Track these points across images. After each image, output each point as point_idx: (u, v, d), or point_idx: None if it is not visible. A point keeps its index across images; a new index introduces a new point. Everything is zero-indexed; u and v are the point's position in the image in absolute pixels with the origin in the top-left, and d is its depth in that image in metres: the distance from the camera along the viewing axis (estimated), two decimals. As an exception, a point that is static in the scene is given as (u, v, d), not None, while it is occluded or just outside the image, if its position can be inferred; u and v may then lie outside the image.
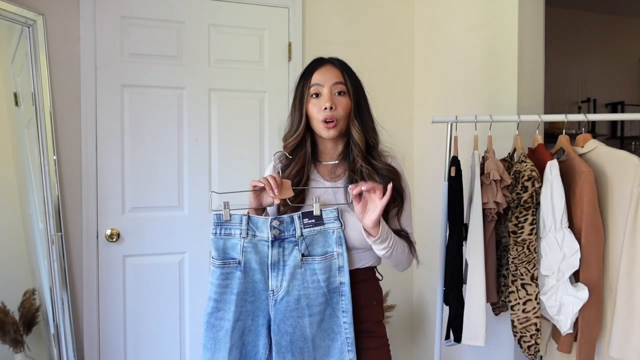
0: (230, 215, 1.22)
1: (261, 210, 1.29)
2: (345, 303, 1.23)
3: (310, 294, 1.22)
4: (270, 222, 1.22)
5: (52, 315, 2.01)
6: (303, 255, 1.22)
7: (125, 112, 2.16)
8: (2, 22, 1.93)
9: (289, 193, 1.24)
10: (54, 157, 2.04)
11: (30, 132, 2.03)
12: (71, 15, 2.08)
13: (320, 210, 1.23)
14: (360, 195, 1.19)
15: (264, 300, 1.23)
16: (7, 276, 2.07)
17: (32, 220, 2.10)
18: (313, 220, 1.23)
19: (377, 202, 1.16)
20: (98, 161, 2.13)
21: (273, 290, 1.22)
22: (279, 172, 1.31)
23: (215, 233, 1.22)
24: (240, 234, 1.22)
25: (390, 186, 1.16)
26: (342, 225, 1.24)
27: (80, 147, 2.10)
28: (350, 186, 1.20)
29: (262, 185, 1.22)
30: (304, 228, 1.23)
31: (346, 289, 1.23)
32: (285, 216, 1.23)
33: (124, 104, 2.16)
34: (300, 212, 1.24)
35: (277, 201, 1.23)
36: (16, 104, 2.08)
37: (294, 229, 1.23)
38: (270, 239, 1.22)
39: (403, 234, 1.32)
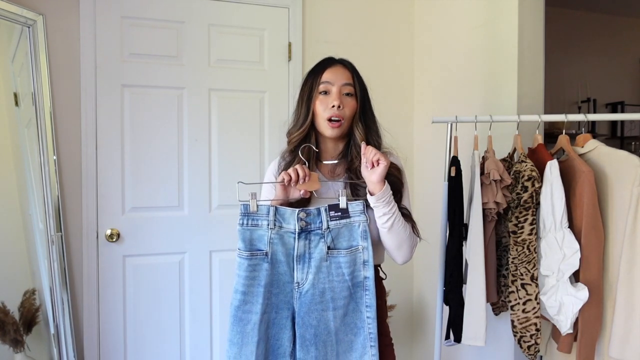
0: (258, 206, 1.22)
1: (286, 203, 1.29)
2: (369, 297, 1.23)
3: (335, 287, 1.22)
4: (298, 214, 1.21)
5: (52, 315, 2.01)
6: (329, 248, 1.22)
7: (125, 112, 2.16)
8: (2, 22, 1.93)
9: (317, 185, 1.25)
10: (54, 157, 2.04)
11: (30, 132, 2.03)
12: (71, 15, 2.08)
13: (347, 203, 1.23)
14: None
15: (288, 292, 1.23)
16: (7, 276, 2.07)
17: (32, 220, 2.10)
18: (339, 214, 1.23)
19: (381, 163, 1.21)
20: (98, 161, 2.13)
21: (298, 283, 1.22)
22: (305, 163, 1.30)
23: (242, 224, 1.21)
24: (268, 224, 1.22)
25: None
26: (367, 219, 1.24)
27: (80, 147, 2.10)
28: (363, 145, 1.24)
29: (291, 177, 1.22)
30: (331, 221, 1.23)
31: (370, 283, 1.23)
32: (312, 208, 1.24)
33: (124, 104, 2.16)
34: (327, 205, 1.23)
35: (302, 193, 1.24)
36: (16, 104, 2.08)
37: (321, 222, 1.23)
38: (297, 230, 1.22)
39: (406, 213, 1.32)
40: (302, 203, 1.29)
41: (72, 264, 2.09)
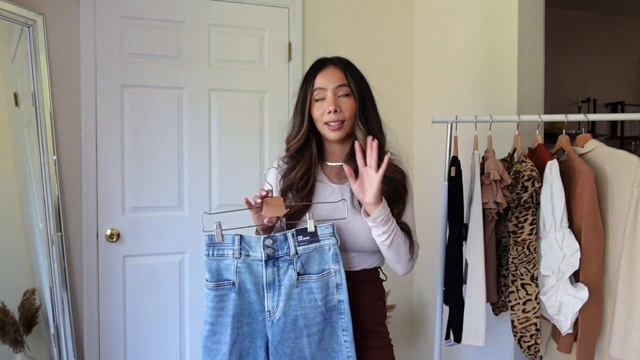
0: (223, 235, 1.19)
1: (269, 228, 1.26)
2: (345, 321, 1.19)
3: (307, 314, 1.19)
4: (263, 241, 1.19)
5: (52, 315, 2.01)
6: (299, 273, 1.19)
7: (125, 112, 2.16)
8: (2, 22, 1.93)
9: (282, 210, 1.19)
10: (54, 157, 2.04)
11: (30, 132, 2.03)
12: (71, 15, 2.07)
13: (315, 227, 1.19)
14: (356, 173, 1.17)
15: (260, 321, 1.20)
16: (7, 276, 2.06)
17: (32, 220, 2.10)
18: (308, 237, 1.19)
19: (372, 177, 1.13)
20: (98, 161, 2.12)
21: (269, 311, 1.19)
22: (270, 190, 1.25)
23: (208, 254, 1.20)
24: (233, 254, 1.19)
25: (386, 159, 1.13)
26: (337, 242, 1.20)
27: (80, 147, 2.09)
28: (345, 165, 1.17)
29: (255, 201, 1.20)
30: (299, 246, 1.19)
31: (345, 306, 1.19)
32: (278, 234, 1.20)
33: (124, 104, 2.16)
34: (294, 230, 1.20)
35: (267, 220, 1.20)
36: (16, 104, 2.08)
37: (288, 247, 1.20)
38: (264, 258, 1.19)
39: (405, 228, 1.28)
40: (294, 218, 1.26)
41: (72, 264, 2.09)
